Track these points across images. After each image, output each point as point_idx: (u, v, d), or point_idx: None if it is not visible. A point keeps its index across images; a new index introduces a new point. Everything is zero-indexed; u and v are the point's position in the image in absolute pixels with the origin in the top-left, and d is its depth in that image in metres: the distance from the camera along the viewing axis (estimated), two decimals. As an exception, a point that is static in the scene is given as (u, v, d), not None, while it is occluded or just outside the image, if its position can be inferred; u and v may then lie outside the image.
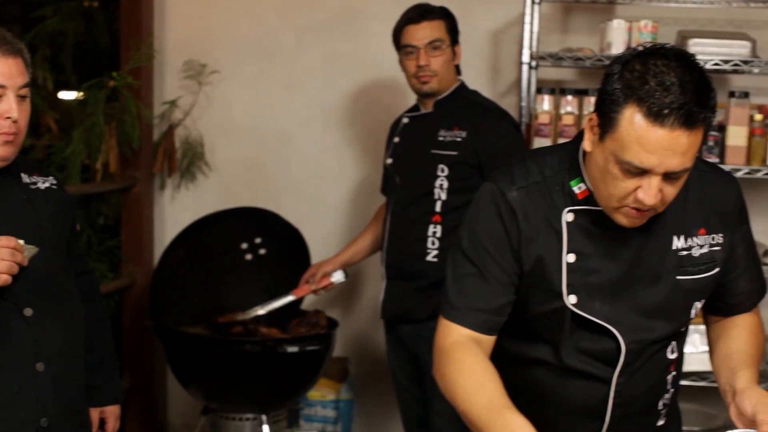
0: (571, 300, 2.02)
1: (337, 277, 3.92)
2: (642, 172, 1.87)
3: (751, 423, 1.94)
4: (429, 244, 3.57)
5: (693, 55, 1.89)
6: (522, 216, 2.02)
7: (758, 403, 1.94)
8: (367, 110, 4.49)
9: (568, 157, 2.07)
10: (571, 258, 2.02)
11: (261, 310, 3.98)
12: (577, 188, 2.03)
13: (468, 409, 1.96)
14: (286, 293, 3.97)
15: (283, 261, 4.17)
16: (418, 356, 3.66)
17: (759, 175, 3.87)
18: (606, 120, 1.89)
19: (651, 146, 1.84)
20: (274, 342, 3.76)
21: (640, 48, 1.91)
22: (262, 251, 4.19)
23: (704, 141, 1.90)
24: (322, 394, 4.46)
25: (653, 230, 2.03)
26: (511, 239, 2.03)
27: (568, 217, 2.03)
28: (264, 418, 3.94)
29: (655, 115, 1.82)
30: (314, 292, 3.96)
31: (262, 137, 4.61)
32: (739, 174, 3.73)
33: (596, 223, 2.02)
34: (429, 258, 3.57)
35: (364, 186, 4.49)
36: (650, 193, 1.88)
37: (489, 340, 2.07)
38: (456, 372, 2.01)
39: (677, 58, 1.86)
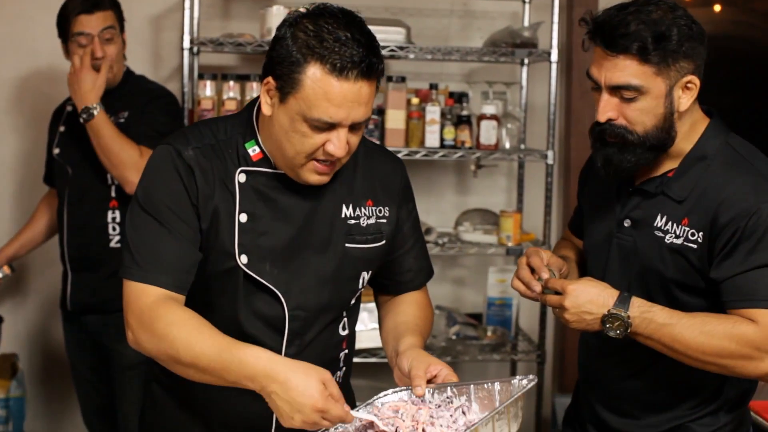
0: (242, 260, 2.05)
1: (2, 272, 3.81)
2: (330, 127, 1.96)
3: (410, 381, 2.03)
4: (110, 230, 3.55)
5: (355, 12, 1.99)
6: (199, 173, 2.04)
7: (414, 360, 2.03)
8: (26, 99, 4.35)
9: (242, 122, 2.12)
10: (243, 218, 2.06)
11: None
12: (252, 150, 2.08)
13: (195, 358, 1.92)
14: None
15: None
16: (104, 346, 3.64)
17: (417, 156, 4.06)
18: (286, 82, 1.95)
19: (338, 100, 1.93)
20: (-66, 342, 3.60)
21: (303, 10, 1.98)
22: None
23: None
24: (-11, 393, 4.30)
25: (324, 197, 2.11)
26: (191, 195, 2.04)
27: (240, 177, 2.07)
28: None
29: (339, 70, 1.91)
30: (-23, 289, 3.83)
31: None
32: (400, 155, 3.92)
33: (269, 186, 2.07)
34: (112, 244, 3.55)
35: (27, 177, 4.35)
36: (340, 145, 1.97)
37: (181, 299, 2.04)
38: (169, 325, 1.96)
39: (344, 15, 1.97)
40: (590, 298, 2.15)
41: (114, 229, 3.55)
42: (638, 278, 2.25)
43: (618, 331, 2.13)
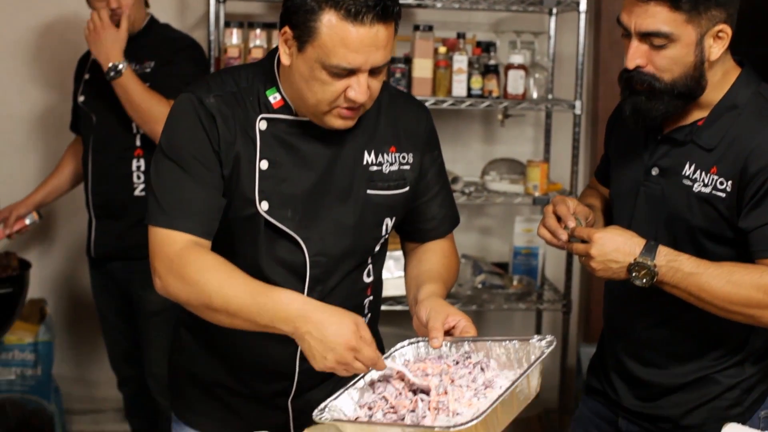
0: (263, 207, 2.06)
1: (31, 219, 3.83)
2: (350, 73, 1.95)
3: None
4: (135, 179, 3.56)
5: None
6: (221, 120, 2.05)
7: (432, 310, 2.04)
8: (52, 46, 4.35)
9: (263, 70, 2.11)
10: (263, 165, 2.06)
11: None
12: (273, 98, 2.08)
13: (227, 302, 1.94)
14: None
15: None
16: (129, 292, 3.67)
17: (444, 105, 4.05)
18: (303, 31, 1.94)
19: (355, 46, 1.92)
20: (-37, 287, 3.63)
21: None
22: (-56, 194, 4.00)
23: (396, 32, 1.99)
24: (18, 337, 4.34)
25: (345, 144, 2.11)
26: (212, 142, 2.05)
27: (261, 125, 2.07)
28: (-43, 366, 3.81)
29: (354, 15, 1.90)
30: (8, 236, 3.84)
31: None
32: (427, 104, 3.90)
33: (290, 133, 2.08)
34: (137, 193, 3.57)
35: (54, 125, 4.36)
36: (361, 90, 1.96)
37: (208, 244, 2.05)
38: (199, 271, 1.97)
39: None
40: (616, 247, 2.14)
41: (138, 177, 3.56)
42: (665, 227, 2.24)
43: (644, 280, 2.12)
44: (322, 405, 1.88)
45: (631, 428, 2.38)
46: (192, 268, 1.98)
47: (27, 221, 3.83)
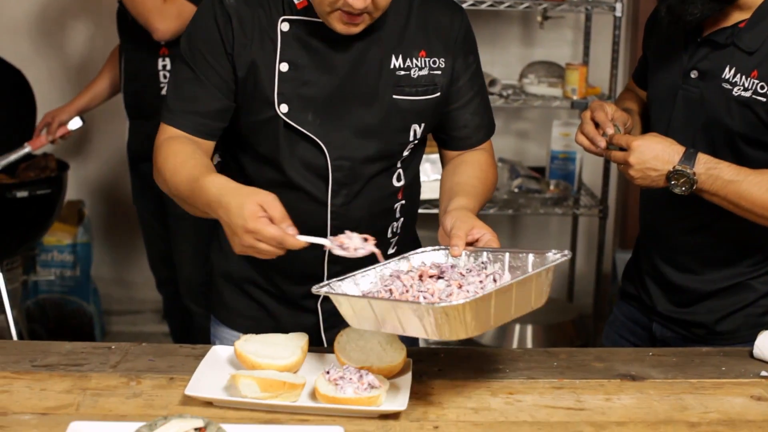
0: (282, 109, 2.05)
1: (74, 124, 3.85)
2: None
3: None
4: (161, 78, 3.55)
5: None
6: (237, 22, 2.04)
7: (457, 220, 1.98)
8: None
9: None
10: (283, 67, 2.04)
11: (-5, 166, 3.85)
12: None
13: (178, 189, 1.99)
14: (20, 145, 3.84)
15: (6, 104, 4.01)
16: (161, 193, 3.68)
17: (482, 6, 3.99)
18: None
19: None
20: (1, 188, 3.65)
21: None
22: (-18, 95, 4.01)
23: None
24: (57, 238, 4.40)
25: (371, 48, 2.07)
26: (225, 44, 2.04)
27: (283, 26, 2.04)
28: (-3, 266, 3.86)
29: None
30: (51, 142, 3.87)
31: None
32: (464, 5, 3.85)
33: (313, 34, 2.05)
34: (164, 92, 3.55)
35: (100, 27, 4.35)
36: None
37: (207, 144, 2.08)
38: (164, 159, 2.03)
39: None
40: (655, 155, 2.11)
41: (164, 77, 3.54)
42: (703, 131, 2.20)
43: (683, 188, 2.10)
44: (324, 282, 1.91)
45: (665, 333, 2.38)
46: (161, 157, 2.05)
47: (69, 126, 3.84)
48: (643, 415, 1.84)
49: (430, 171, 3.96)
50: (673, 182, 2.10)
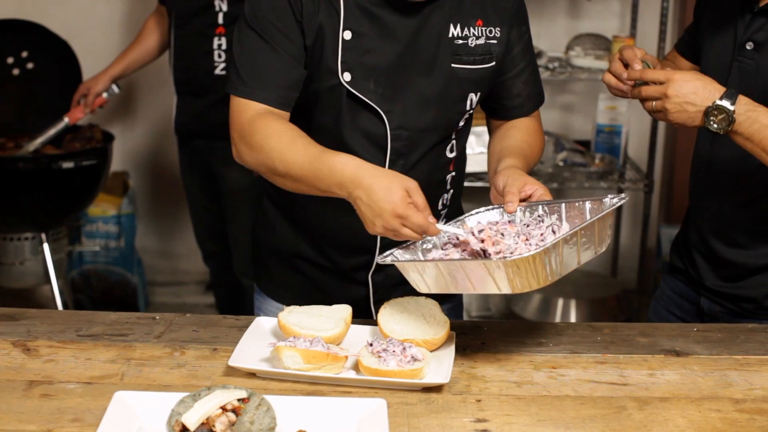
0: (345, 78, 2.04)
1: (110, 92, 3.86)
2: None
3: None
4: (215, 57, 3.55)
5: None
6: None
7: (509, 178, 2.00)
8: None
9: None
10: (347, 35, 2.03)
11: (38, 141, 3.86)
12: None
13: (288, 168, 1.95)
14: (59, 118, 3.87)
15: (53, 75, 4.04)
16: (212, 169, 3.70)
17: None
18: None
19: None
20: (48, 158, 3.68)
21: None
22: (29, 65, 4.03)
23: None
24: (102, 209, 4.43)
25: (431, 17, 2.06)
26: (295, 11, 2.02)
27: None
28: (43, 236, 3.89)
29: None
30: (91, 112, 3.88)
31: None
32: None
33: (375, 3, 2.04)
34: (217, 71, 3.55)
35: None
36: None
37: (284, 115, 2.05)
38: (265, 138, 1.98)
39: None
40: (695, 90, 2.06)
41: (219, 56, 3.54)
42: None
43: (721, 125, 2.04)
44: (387, 252, 1.91)
45: (713, 308, 2.35)
46: (260, 135, 1.99)
47: (105, 95, 3.85)
48: (687, 391, 1.82)
49: (474, 144, 3.94)
50: (711, 118, 2.04)
